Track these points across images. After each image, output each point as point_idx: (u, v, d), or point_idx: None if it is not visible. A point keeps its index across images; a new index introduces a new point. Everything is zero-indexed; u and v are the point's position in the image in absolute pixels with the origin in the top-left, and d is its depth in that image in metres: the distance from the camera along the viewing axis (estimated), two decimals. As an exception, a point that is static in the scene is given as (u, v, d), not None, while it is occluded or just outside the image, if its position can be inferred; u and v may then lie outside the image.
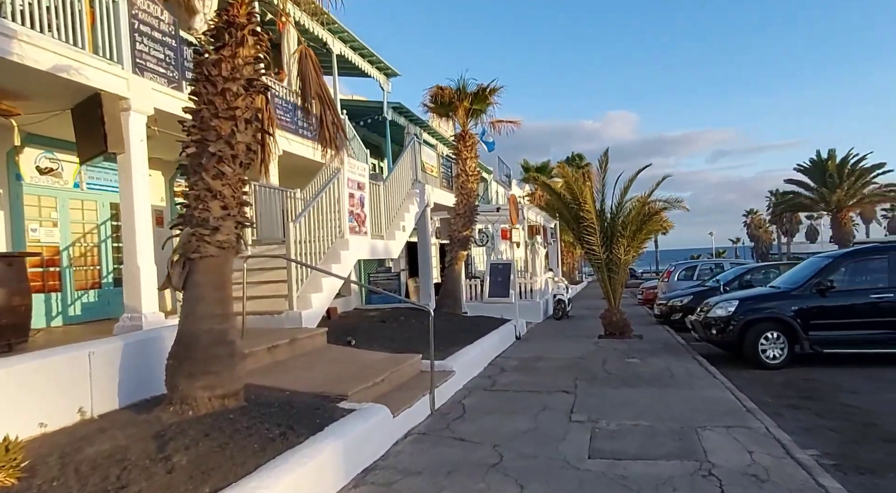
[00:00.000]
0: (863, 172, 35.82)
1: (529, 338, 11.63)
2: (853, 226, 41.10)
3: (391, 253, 10.74)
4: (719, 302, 8.86)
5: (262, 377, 5.33)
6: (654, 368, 7.97)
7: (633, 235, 11.23)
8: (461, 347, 8.33)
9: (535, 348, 10.21)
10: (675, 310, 13.13)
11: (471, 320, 11.24)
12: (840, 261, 8.31)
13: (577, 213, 11.45)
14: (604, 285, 11.53)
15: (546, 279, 17.47)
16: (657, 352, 9.37)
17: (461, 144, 11.94)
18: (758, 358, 8.22)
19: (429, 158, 13.89)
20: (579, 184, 11.39)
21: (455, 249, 11.96)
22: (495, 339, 9.72)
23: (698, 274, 15.53)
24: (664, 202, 11.25)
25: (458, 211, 12.05)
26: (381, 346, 7.83)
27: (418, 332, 9.33)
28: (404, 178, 11.85)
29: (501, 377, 7.64)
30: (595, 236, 11.16)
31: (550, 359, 8.97)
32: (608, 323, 11.29)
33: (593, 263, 11.62)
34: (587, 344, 10.43)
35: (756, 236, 66.01)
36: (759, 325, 8.28)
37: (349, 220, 9.00)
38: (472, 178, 11.95)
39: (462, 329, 9.98)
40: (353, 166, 9.20)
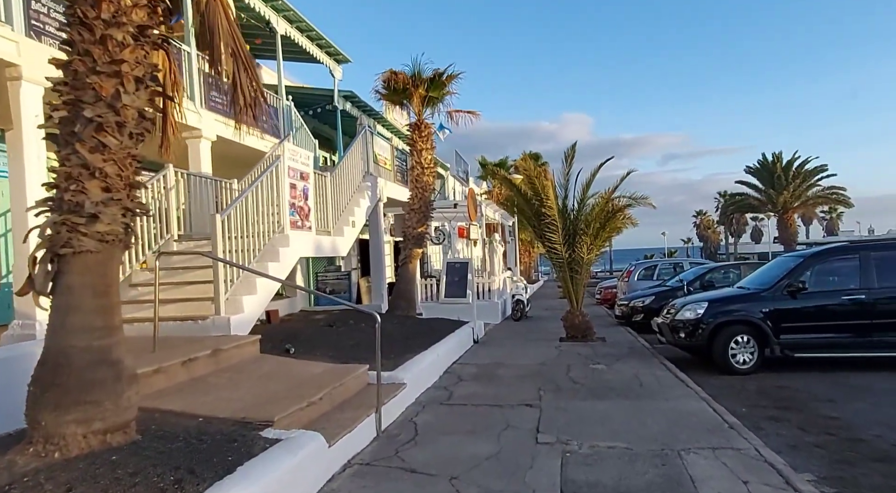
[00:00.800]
0: (807, 175, 37.05)
1: (488, 341, 10.97)
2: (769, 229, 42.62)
3: (339, 251, 9.87)
4: (687, 304, 8.42)
5: (173, 399, 4.42)
6: (622, 375, 7.43)
7: (597, 233, 10.73)
8: (415, 354, 7.57)
9: (495, 352, 9.55)
10: (636, 311, 12.76)
11: (426, 323, 10.49)
12: (810, 261, 7.98)
13: (538, 209, 10.86)
14: (565, 286, 10.99)
15: (504, 279, 16.90)
16: (622, 357, 8.87)
17: (416, 135, 11.15)
18: (728, 363, 7.81)
19: (382, 151, 13.05)
20: (541, 179, 10.80)
21: (409, 246, 11.17)
22: (452, 343, 9.00)
23: (658, 274, 15.28)
24: (629, 199, 10.80)
25: (412, 206, 11.25)
26: (325, 355, 6.98)
27: (368, 337, 8.50)
28: (354, 169, 10.98)
29: (459, 388, 6.92)
30: (557, 234, 10.60)
31: (511, 366, 8.32)
32: (570, 326, 10.76)
33: (555, 262, 11.07)
34: (549, 348, 9.85)
35: (705, 237, 68.04)
36: (730, 328, 7.87)
37: (290, 213, 8.08)
38: (427, 171, 11.18)
39: (416, 334, 9.22)
40: (296, 154, 8.29)
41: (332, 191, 9.85)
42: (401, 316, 10.68)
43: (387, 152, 13.37)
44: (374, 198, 11.74)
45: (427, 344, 8.37)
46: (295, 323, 9.63)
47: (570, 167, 10.71)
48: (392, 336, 8.68)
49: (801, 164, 37.28)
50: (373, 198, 11.63)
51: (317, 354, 7.01)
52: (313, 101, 15.20)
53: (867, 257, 7.80)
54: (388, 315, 10.73)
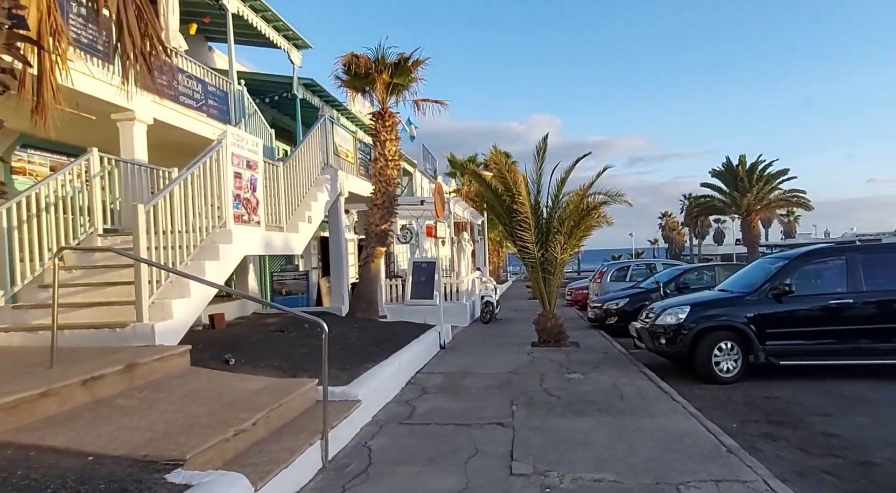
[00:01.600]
0: (769, 178, 37.63)
1: (456, 346, 10.26)
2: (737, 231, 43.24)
3: (293, 248, 8.99)
4: (668, 308, 7.87)
5: (60, 431, 3.54)
6: (601, 386, 6.81)
7: (571, 231, 10.14)
8: (374, 363, 6.79)
9: (463, 359, 8.84)
10: (610, 314, 12.24)
11: (389, 327, 9.71)
12: (796, 263, 7.53)
13: (509, 206, 10.20)
14: (537, 288, 10.37)
15: (473, 279, 16.23)
16: (599, 364, 8.27)
17: (379, 124, 10.35)
18: (711, 372, 7.28)
19: (344, 142, 12.19)
20: (513, 174, 10.15)
21: (372, 244, 10.37)
22: (416, 350, 8.25)
23: (631, 275, 14.85)
24: (604, 196, 10.24)
25: (375, 201, 10.45)
26: (271, 366, 6.15)
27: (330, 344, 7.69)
28: (312, 160, 10.11)
29: (422, 402, 6.17)
30: (530, 233, 9.96)
31: (480, 374, 7.62)
32: (542, 330, 10.14)
33: (526, 262, 10.44)
34: (520, 354, 9.20)
35: (670, 238, 69.04)
36: (713, 334, 7.35)
37: (234, 206, 7.19)
38: (391, 163, 10.40)
39: (378, 340, 8.43)
40: (241, 139, 7.40)
41: (286, 183, 8.97)
42: (362, 320, 9.88)
43: (349, 144, 12.52)
44: (335, 192, 10.89)
45: (389, 352, 7.60)
46: (243, 328, 8.71)
47: (542, 162, 10.08)
48: (350, 343, 7.89)
49: (765, 167, 37.84)
50: (332, 192, 10.78)
51: (261, 365, 6.17)
52: (270, 88, 14.21)
53: (854, 259, 7.39)
54: (347, 319, 9.92)
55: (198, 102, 10.02)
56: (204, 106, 10.12)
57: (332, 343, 7.81)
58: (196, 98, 10.01)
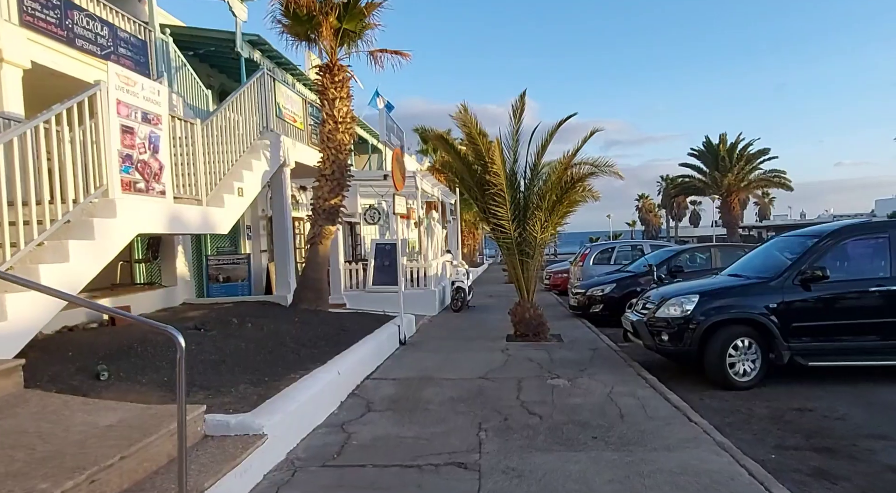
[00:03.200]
0: (750, 158, 36.87)
1: (419, 342, 8.79)
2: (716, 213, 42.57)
3: (216, 226, 7.35)
4: (671, 298, 6.49)
5: None
6: (593, 397, 5.42)
7: (553, 207, 8.68)
8: (306, 371, 5.28)
9: (425, 359, 7.38)
10: (595, 301, 10.90)
11: (338, 321, 8.18)
12: (828, 241, 6.18)
13: (481, 177, 8.69)
14: (514, 273, 8.93)
15: (443, 263, 14.74)
16: (587, 365, 6.90)
17: (327, 79, 8.67)
18: (725, 375, 5.96)
19: (291, 104, 10.47)
20: (485, 138, 8.61)
21: (319, 223, 8.75)
22: (367, 350, 6.76)
23: (616, 258, 13.52)
24: (591, 166, 8.78)
25: (323, 171, 8.82)
26: (157, 382, 4.58)
27: (255, 345, 6.14)
28: (245, 122, 8.42)
29: (362, 428, 4.68)
30: (505, 208, 8.48)
31: (443, 381, 6.17)
32: (520, 321, 8.72)
33: (501, 243, 8.97)
34: (494, 352, 7.78)
35: (647, 220, 68.49)
36: (727, 329, 6.01)
37: (123, 170, 5.52)
38: (342, 126, 8.75)
39: (319, 337, 6.90)
40: (132, 83, 5.69)
41: (206, 146, 7.29)
42: (307, 312, 8.32)
43: (297, 107, 10.80)
44: (276, 161, 9.22)
45: (329, 354, 6.09)
46: (152, 325, 7.08)
47: (519, 123, 8.56)
48: (281, 345, 6.34)
49: (745, 146, 37.07)
50: (274, 161, 9.11)
51: (144, 380, 4.60)
52: (206, 45, 12.36)
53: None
54: (289, 312, 8.35)
55: (103, 48, 8.22)
56: (112, 54, 8.32)
57: (259, 346, 6.27)
58: (101, 43, 8.20)
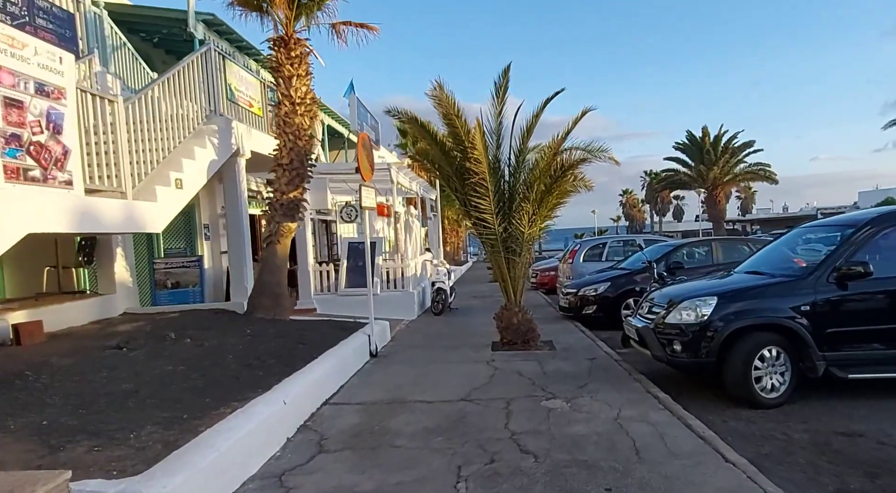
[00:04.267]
0: (735, 151, 36.35)
1: (392, 353, 7.74)
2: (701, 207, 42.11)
3: (146, 224, 6.22)
4: (684, 300, 5.52)
5: None
6: (599, 425, 4.43)
7: (541, 198, 7.69)
8: (243, 401, 4.21)
9: (398, 375, 6.35)
10: (587, 301, 9.95)
11: (299, 331, 7.09)
12: (868, 231, 5.26)
13: (461, 165, 7.66)
14: (499, 273, 7.92)
15: (423, 263, 13.71)
16: (585, 378, 5.92)
17: (282, 54, 7.56)
18: (750, 391, 5.01)
19: (246, 87, 9.34)
20: (465, 122, 7.58)
21: (276, 219, 7.65)
22: (327, 368, 5.70)
23: (608, 254, 12.59)
24: (583, 151, 7.80)
25: (280, 160, 7.71)
26: (34, 428, 3.49)
27: (185, 368, 5.05)
28: (187, 103, 7.29)
29: (307, 480, 3.62)
30: (488, 200, 7.47)
31: (417, 405, 5.14)
32: (506, 327, 7.73)
33: (485, 239, 7.96)
34: (478, 364, 6.77)
35: (630, 215, 68.14)
36: (752, 337, 5.08)
37: (6, 153, 4.39)
38: (301, 108, 7.65)
39: (269, 354, 5.82)
40: (21, 46, 4.55)
41: (134, 129, 6.16)
42: (262, 322, 7.22)
43: (255, 91, 9.67)
44: (227, 150, 8.10)
45: (277, 376, 5.02)
46: (68, 342, 5.92)
47: (502, 104, 7.55)
48: (220, 365, 5.25)
49: (730, 139, 36.53)
50: (223, 149, 7.98)
51: (13, 426, 3.50)
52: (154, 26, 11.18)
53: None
54: (241, 321, 7.24)
55: (15, 17, 7.03)
56: (27, 24, 7.14)
57: (191, 368, 5.16)
58: (11, 11, 7.02)
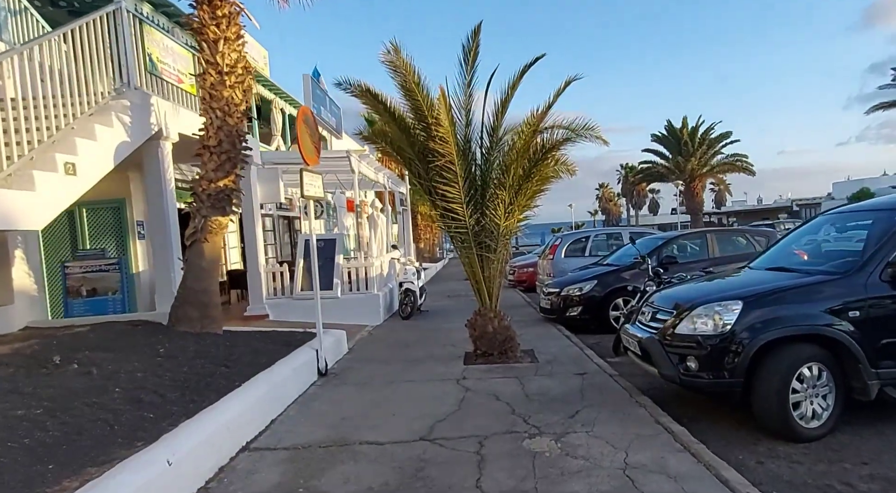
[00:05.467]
0: (712, 142, 35.89)
1: (348, 368, 6.53)
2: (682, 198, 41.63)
3: (16, 220, 4.86)
4: (699, 305, 4.43)
5: None
6: (601, 481, 3.31)
7: (519, 184, 6.56)
8: (96, 470, 2.97)
9: (348, 401, 5.15)
10: (571, 302, 8.87)
11: (228, 348, 5.82)
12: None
13: (424, 145, 6.46)
14: (472, 273, 6.75)
15: (390, 261, 12.48)
16: (577, 401, 4.80)
17: (205, 12, 6.22)
18: (787, 420, 3.96)
19: (175, 60, 7.97)
20: (427, 95, 6.38)
21: (203, 212, 6.35)
22: (252, 400, 4.47)
23: (591, 249, 11.54)
24: (567, 130, 6.67)
25: (206, 141, 6.41)
26: None
27: (43, 412, 3.75)
28: (82, 69, 5.94)
29: None
30: (457, 186, 6.29)
31: (362, 451, 3.95)
32: (481, 336, 6.58)
33: (455, 234, 6.78)
34: (446, 383, 5.61)
35: (607, 209, 67.73)
36: (789, 352, 4.02)
37: None
38: (231, 78, 6.36)
39: (180, 381, 4.55)
40: None
41: None
42: (186, 337, 5.93)
43: (186, 65, 8.30)
44: (144, 131, 6.76)
45: (174, 417, 3.78)
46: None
47: (472, 70, 6.36)
48: (99, 404, 3.96)
49: (707, 130, 36.06)
50: (138, 130, 6.65)
51: None
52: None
53: None
54: (157, 337, 5.93)
55: None
56: None
57: (57, 408, 3.82)
58: None
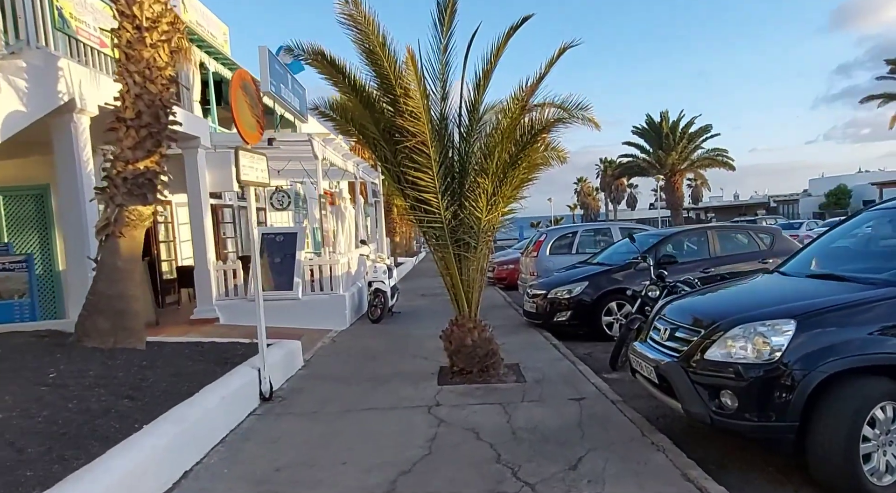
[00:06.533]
0: (693, 136, 35.51)
1: (296, 391, 5.43)
2: (661, 193, 41.32)
3: None
4: (738, 324, 3.44)
5: None
6: None
7: (504, 171, 5.52)
8: None
9: (286, 443, 4.05)
10: (559, 306, 7.89)
11: (141, 369, 4.67)
12: None
13: (391, 122, 5.36)
14: (448, 276, 5.68)
15: (359, 257, 11.34)
16: (577, 444, 3.80)
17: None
18: (858, 477, 3.01)
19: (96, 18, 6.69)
20: (395, 61, 5.27)
21: (117, 201, 5.16)
22: (149, 451, 3.36)
23: (578, 245, 10.58)
24: (559, 109, 5.64)
25: (121, 113, 5.20)
26: None
27: None
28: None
29: None
30: (430, 172, 5.22)
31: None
32: (458, 351, 5.53)
33: (428, 230, 5.69)
34: (414, 414, 4.55)
35: (586, 204, 67.28)
36: (860, 387, 3.08)
37: None
38: (152, 35, 5.17)
39: (50, 427, 3.41)
40: None
41: None
42: (90, 355, 4.76)
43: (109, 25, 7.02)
44: (49, 100, 5.52)
45: (20, 488, 2.65)
46: None
47: (448, 32, 5.27)
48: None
49: (688, 124, 35.68)
50: (41, 99, 5.41)
51: None
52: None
53: None
54: (59, 352, 4.74)
55: None
56: None
57: None
58: None
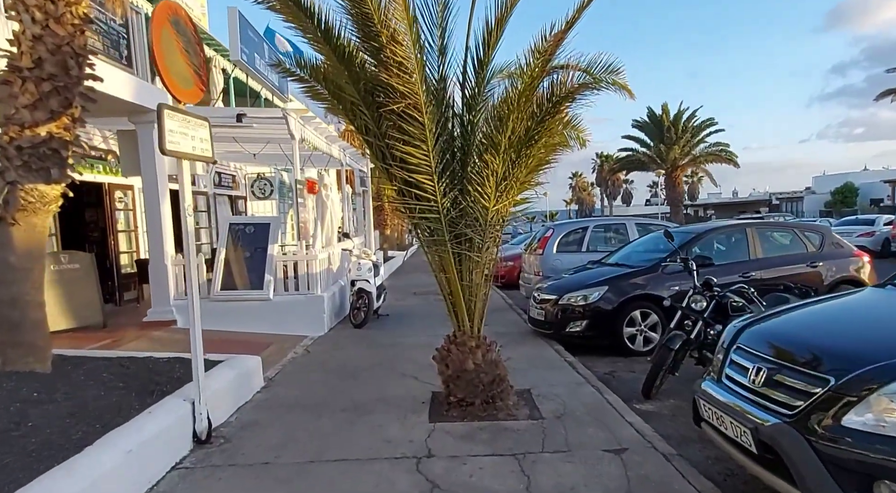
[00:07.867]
0: (696, 130, 34.42)
1: (247, 428, 4.22)
2: (660, 190, 40.36)
3: None
4: (879, 374, 2.27)
5: None
6: None
7: (519, 148, 4.31)
8: None
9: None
10: (573, 314, 6.71)
11: (31, 403, 3.46)
12: None
13: (373, 80, 4.13)
14: (445, 281, 4.48)
15: (342, 253, 10.09)
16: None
17: None
18: None
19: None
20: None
21: (9, 178, 3.92)
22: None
23: (589, 243, 9.39)
24: (585, 73, 4.41)
25: (16, 61, 3.96)
26: None
27: None
28: None
29: None
30: (424, 146, 4.00)
31: None
32: (456, 377, 4.33)
33: (419, 222, 4.48)
34: (397, 469, 3.35)
35: (581, 199, 66.36)
36: None
37: None
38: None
39: None
40: None
41: None
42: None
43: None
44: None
45: None
46: None
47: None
48: None
49: (690, 117, 34.56)
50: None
51: None
52: None
53: None
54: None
55: None
56: None
57: None
58: None
